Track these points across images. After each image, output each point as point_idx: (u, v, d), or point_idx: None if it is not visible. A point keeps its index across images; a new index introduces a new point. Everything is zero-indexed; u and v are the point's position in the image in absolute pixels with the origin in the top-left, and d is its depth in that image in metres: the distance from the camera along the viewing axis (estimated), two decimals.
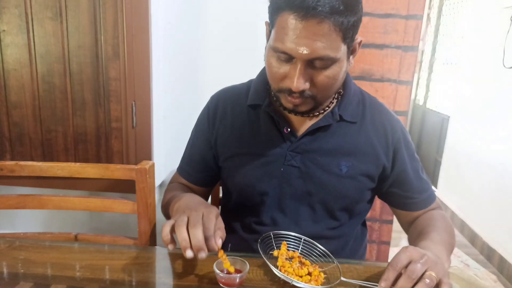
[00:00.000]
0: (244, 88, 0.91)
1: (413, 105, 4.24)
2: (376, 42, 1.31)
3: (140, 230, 0.96)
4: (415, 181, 0.88)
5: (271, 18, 0.70)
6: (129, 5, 1.08)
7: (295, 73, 0.68)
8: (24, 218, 1.48)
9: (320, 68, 0.69)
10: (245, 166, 0.85)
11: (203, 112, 0.94)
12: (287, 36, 0.66)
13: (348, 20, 0.65)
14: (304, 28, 0.64)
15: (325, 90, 0.72)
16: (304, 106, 0.75)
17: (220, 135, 0.89)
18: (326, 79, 0.70)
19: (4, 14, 1.09)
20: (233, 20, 1.31)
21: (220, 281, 0.67)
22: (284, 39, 0.66)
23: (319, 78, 0.70)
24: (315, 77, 0.69)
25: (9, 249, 0.79)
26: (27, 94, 1.15)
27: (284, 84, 0.72)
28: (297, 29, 0.64)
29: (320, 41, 0.65)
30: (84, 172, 0.97)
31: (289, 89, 0.70)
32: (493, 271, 2.34)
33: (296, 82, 0.68)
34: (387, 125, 0.86)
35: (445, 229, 0.82)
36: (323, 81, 0.70)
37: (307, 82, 0.69)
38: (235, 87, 0.93)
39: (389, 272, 0.62)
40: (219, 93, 0.94)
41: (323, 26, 0.63)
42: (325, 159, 0.83)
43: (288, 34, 0.65)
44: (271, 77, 0.75)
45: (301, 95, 0.71)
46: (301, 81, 0.68)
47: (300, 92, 0.70)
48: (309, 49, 0.65)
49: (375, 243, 1.51)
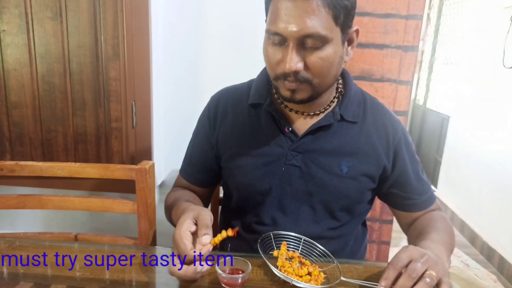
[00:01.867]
0: (244, 87, 0.91)
1: (413, 105, 4.24)
2: (376, 42, 1.31)
3: (140, 230, 0.96)
4: (415, 182, 0.88)
5: (266, 7, 0.73)
6: (129, 5, 1.08)
7: (287, 54, 0.69)
8: (24, 218, 1.48)
9: (312, 48, 0.69)
10: (246, 165, 0.85)
11: (204, 112, 0.94)
12: (278, 17, 0.68)
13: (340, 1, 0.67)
14: (293, 7, 0.66)
15: (320, 73, 0.72)
16: (301, 93, 0.74)
17: (221, 135, 0.89)
18: (319, 60, 0.70)
19: (4, 14, 1.09)
20: (233, 20, 1.31)
21: (222, 281, 0.67)
22: (276, 21, 0.68)
23: (312, 59, 0.70)
24: (308, 58, 0.70)
25: (9, 249, 0.79)
26: (27, 94, 1.15)
27: (279, 69, 0.72)
28: (287, 9, 0.66)
29: (309, 18, 0.66)
30: (84, 172, 0.97)
31: (284, 73, 0.71)
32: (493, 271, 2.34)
33: (288, 62, 0.69)
34: (388, 126, 0.86)
35: (445, 230, 0.82)
36: (316, 62, 0.70)
37: (300, 63, 0.70)
38: (235, 87, 0.93)
39: (389, 271, 0.62)
40: (220, 93, 0.94)
41: (311, 3, 0.65)
42: (326, 159, 0.83)
43: (279, 15, 0.68)
44: (268, 65, 0.75)
45: (296, 79, 0.71)
46: (293, 61, 0.69)
47: (295, 75, 0.70)
48: (298, 26, 0.66)
49: (375, 243, 1.51)
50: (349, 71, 0.92)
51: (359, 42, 1.27)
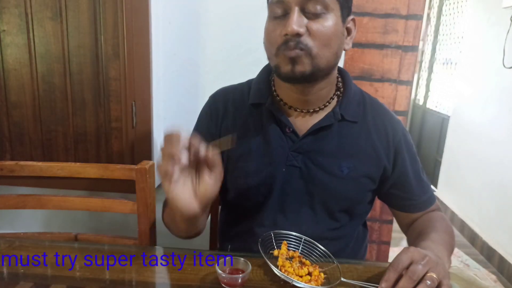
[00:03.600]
0: (244, 87, 0.90)
1: (413, 105, 4.24)
2: (376, 42, 1.31)
3: (140, 230, 0.96)
4: (415, 183, 0.88)
5: None
6: (129, 5, 1.08)
7: (290, 17, 0.70)
8: (24, 218, 1.48)
9: (314, 14, 0.71)
10: (248, 166, 0.85)
11: (205, 111, 0.92)
12: None
13: None
14: None
15: (320, 41, 0.72)
16: (302, 65, 0.73)
17: (223, 133, 0.88)
18: (320, 27, 0.71)
19: (4, 14, 1.09)
20: (233, 20, 1.31)
21: (222, 281, 0.67)
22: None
23: (314, 25, 0.71)
24: (310, 25, 0.71)
25: (9, 249, 0.79)
26: (27, 94, 1.15)
27: (281, 38, 0.72)
28: None
29: None
30: (84, 172, 0.97)
31: (286, 39, 0.71)
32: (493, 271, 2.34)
33: (290, 24, 0.69)
34: (388, 126, 0.86)
35: (445, 230, 0.82)
36: (318, 29, 0.71)
37: (302, 28, 0.70)
38: (234, 86, 0.93)
39: (390, 273, 0.62)
40: (219, 93, 0.93)
41: None
42: (326, 160, 0.82)
43: None
44: (269, 42, 0.76)
45: (297, 45, 0.71)
46: (295, 23, 0.69)
47: (297, 40, 0.71)
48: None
49: (375, 243, 1.51)
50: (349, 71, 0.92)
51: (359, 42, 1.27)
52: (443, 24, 3.71)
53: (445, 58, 3.60)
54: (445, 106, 3.49)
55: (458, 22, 3.36)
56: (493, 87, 2.56)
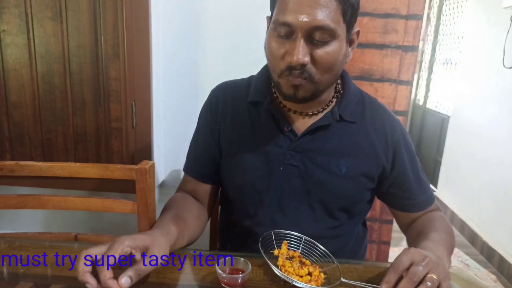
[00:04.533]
0: (244, 84, 0.90)
1: (413, 105, 4.24)
2: (376, 42, 1.31)
3: (140, 230, 0.96)
4: (414, 183, 0.88)
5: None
6: (129, 5, 1.08)
7: (295, 46, 0.68)
8: (24, 218, 1.48)
9: (320, 42, 0.69)
10: (245, 164, 0.85)
11: (205, 107, 0.92)
12: (288, 6, 0.67)
13: None
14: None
15: (324, 69, 0.72)
16: (303, 91, 0.73)
17: (223, 129, 0.88)
18: (326, 55, 0.70)
19: (4, 14, 1.09)
20: (233, 20, 1.31)
21: (222, 281, 0.67)
22: (285, 10, 0.67)
23: (319, 54, 0.70)
24: (315, 52, 0.70)
25: (9, 249, 0.79)
26: (27, 94, 1.14)
27: (284, 63, 0.71)
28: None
29: (320, 10, 0.66)
30: (84, 172, 0.97)
31: (290, 66, 0.70)
32: (493, 271, 2.34)
33: (296, 54, 0.68)
34: (387, 126, 0.86)
35: (445, 230, 0.82)
36: (323, 57, 0.70)
37: (307, 57, 0.69)
38: (234, 82, 0.93)
39: (390, 275, 0.62)
40: (219, 88, 0.93)
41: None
42: (324, 159, 0.82)
43: (289, 4, 0.67)
44: (272, 60, 0.74)
45: (301, 73, 0.70)
46: (301, 53, 0.68)
47: (301, 69, 0.70)
48: (309, 16, 0.66)
49: (375, 243, 1.51)
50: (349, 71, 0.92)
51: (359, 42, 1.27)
52: (443, 24, 3.71)
53: (445, 58, 3.60)
54: (445, 106, 3.49)
55: (458, 22, 3.36)
56: (493, 87, 2.56)
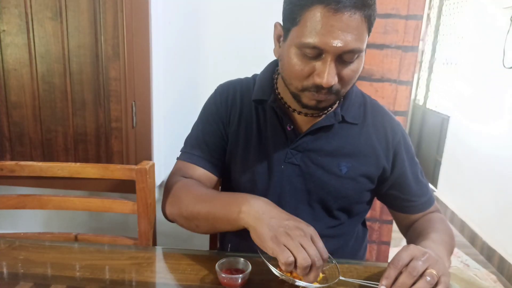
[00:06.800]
0: (250, 82, 0.90)
1: (413, 105, 4.24)
2: (376, 42, 1.31)
3: (140, 230, 0.96)
4: (414, 184, 0.88)
5: (295, 15, 0.68)
6: (129, 5, 1.08)
7: (325, 69, 0.67)
8: (24, 218, 1.48)
9: (347, 62, 0.68)
10: (247, 161, 0.86)
11: (214, 100, 0.90)
12: (318, 30, 0.64)
13: (374, 13, 0.68)
14: (337, 21, 0.63)
15: (348, 85, 0.72)
16: (326, 103, 0.74)
17: (231, 123, 0.88)
18: (351, 73, 0.70)
19: (4, 14, 1.09)
20: (234, 20, 1.31)
21: (222, 281, 0.67)
22: (315, 33, 0.65)
23: (346, 72, 0.69)
24: (342, 71, 0.69)
25: (9, 249, 0.79)
26: (27, 94, 1.15)
27: (310, 82, 0.70)
28: (330, 22, 0.64)
29: (352, 34, 0.65)
30: (84, 172, 0.97)
31: (317, 85, 0.69)
32: (493, 271, 2.34)
33: (326, 77, 0.67)
34: (387, 127, 0.86)
35: (444, 231, 0.82)
36: (349, 75, 0.70)
37: (336, 78, 0.68)
38: (240, 80, 0.92)
39: (390, 270, 0.62)
40: (227, 84, 0.92)
41: (355, 18, 0.64)
42: (325, 159, 0.83)
43: (319, 27, 0.64)
44: (293, 76, 0.72)
45: (329, 91, 0.70)
46: (332, 76, 0.67)
47: (329, 88, 0.69)
48: (343, 42, 0.64)
49: (375, 243, 1.51)
50: None
51: None
52: (443, 24, 3.71)
53: (445, 58, 3.60)
54: (445, 106, 3.49)
55: (458, 22, 3.36)
56: (493, 87, 2.56)
